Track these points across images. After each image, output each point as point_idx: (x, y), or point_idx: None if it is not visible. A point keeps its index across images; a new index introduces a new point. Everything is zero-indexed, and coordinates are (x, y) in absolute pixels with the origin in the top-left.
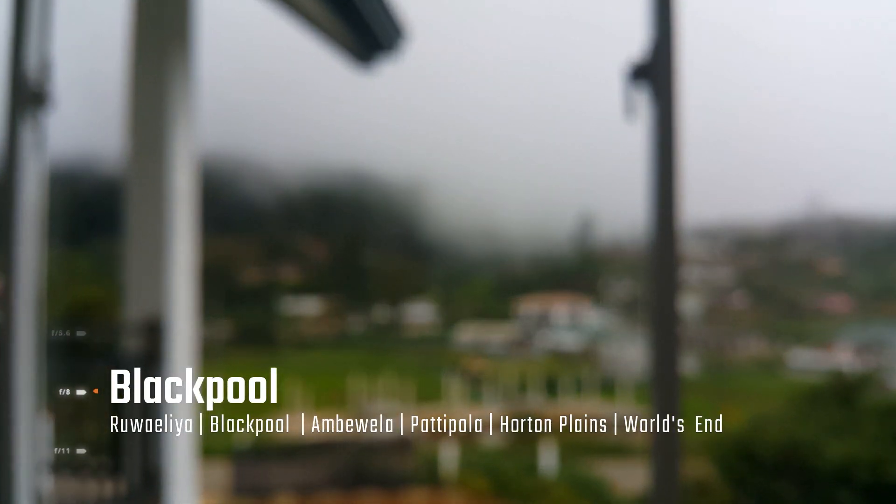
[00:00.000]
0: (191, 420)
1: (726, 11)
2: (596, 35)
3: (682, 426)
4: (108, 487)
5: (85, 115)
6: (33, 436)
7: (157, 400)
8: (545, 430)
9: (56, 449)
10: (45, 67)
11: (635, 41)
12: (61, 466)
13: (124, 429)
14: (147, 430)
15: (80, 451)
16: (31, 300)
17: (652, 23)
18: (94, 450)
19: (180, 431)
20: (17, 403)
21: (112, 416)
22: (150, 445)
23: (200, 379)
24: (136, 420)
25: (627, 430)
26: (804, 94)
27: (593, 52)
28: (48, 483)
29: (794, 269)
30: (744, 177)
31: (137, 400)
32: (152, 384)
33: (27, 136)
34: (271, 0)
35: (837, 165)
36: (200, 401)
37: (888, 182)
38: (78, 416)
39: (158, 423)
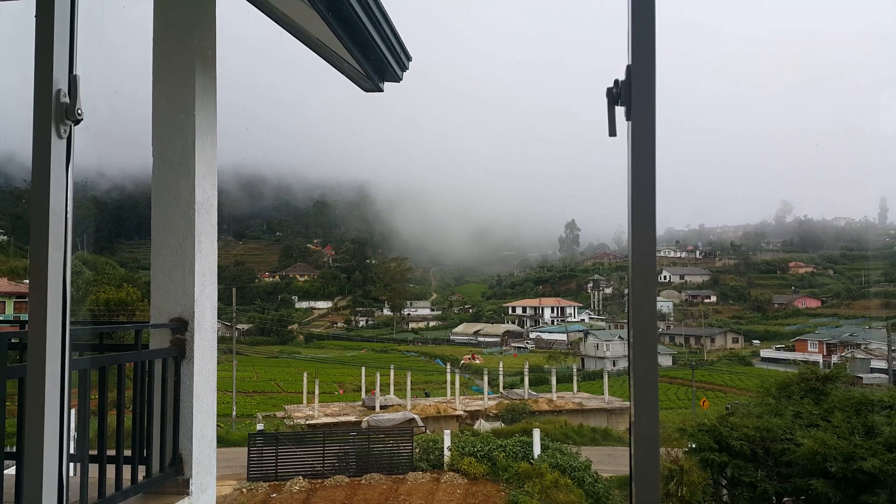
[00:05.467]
0: (211, 410)
1: (701, 31)
2: (581, 60)
3: (660, 415)
4: (133, 474)
5: (107, 130)
6: (61, 427)
7: (181, 391)
8: (536, 418)
9: (84, 439)
10: (72, 83)
11: (616, 64)
12: (89, 456)
13: (149, 418)
14: (171, 420)
15: (107, 440)
16: (60, 300)
17: (632, 47)
18: (121, 439)
19: (201, 421)
20: (46, 397)
21: (138, 407)
22: (174, 434)
23: (221, 371)
24: (161, 410)
25: (610, 419)
26: (772, 109)
27: (580, 75)
28: (77, 472)
29: (765, 270)
30: (717, 187)
31: (161, 391)
32: (176, 377)
33: (54, 149)
34: (286, 28)
35: (805, 175)
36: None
37: (853, 190)
38: (105, 407)
39: (181, 412)
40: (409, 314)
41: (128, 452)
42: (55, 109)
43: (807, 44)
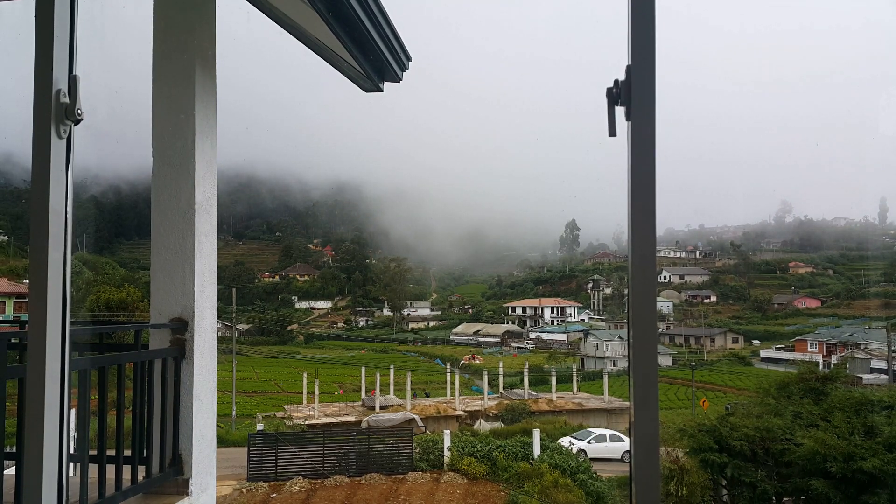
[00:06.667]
0: (211, 410)
1: (700, 31)
2: (581, 59)
3: (660, 415)
4: (133, 474)
5: (107, 130)
6: (61, 427)
7: (181, 391)
8: (535, 418)
9: (83, 440)
10: (72, 83)
11: (616, 64)
12: (89, 456)
13: (149, 418)
14: (170, 420)
15: (107, 440)
16: (60, 300)
17: (632, 47)
18: (121, 439)
19: (201, 421)
20: (46, 397)
21: (138, 407)
22: (174, 434)
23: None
24: (161, 410)
25: (610, 419)
26: (772, 108)
27: (580, 75)
28: (77, 472)
29: (765, 270)
30: (717, 187)
31: (161, 391)
32: (176, 377)
33: (54, 149)
34: (286, 28)
35: (805, 175)
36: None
37: (853, 190)
38: (105, 407)
39: (181, 412)
40: (408, 314)
41: (128, 452)
42: (55, 109)
43: (806, 43)
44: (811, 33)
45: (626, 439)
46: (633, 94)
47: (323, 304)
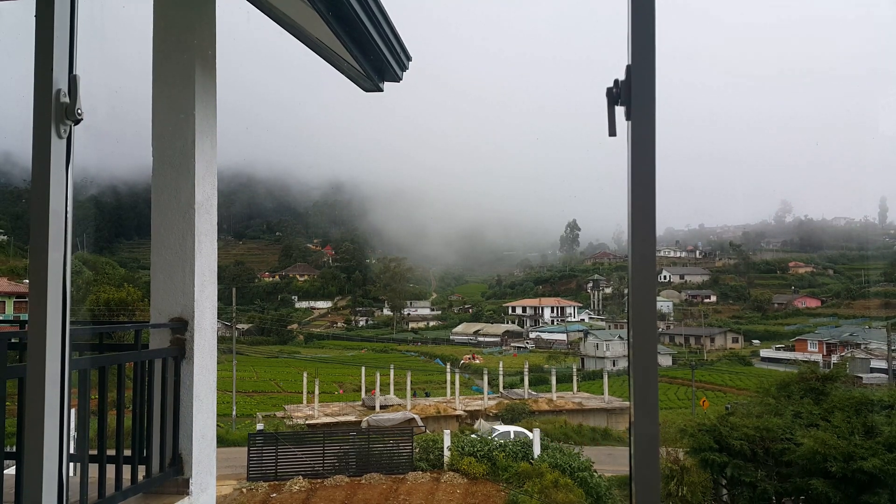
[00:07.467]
0: (211, 410)
1: (701, 31)
2: (581, 59)
3: (660, 415)
4: (133, 474)
5: (107, 130)
6: (61, 427)
7: (181, 391)
8: (535, 418)
9: (84, 439)
10: (72, 83)
11: (616, 64)
12: (89, 456)
13: (149, 418)
14: (170, 420)
15: (107, 440)
16: (60, 300)
17: (632, 47)
18: (121, 439)
19: (201, 421)
20: (46, 397)
21: (138, 407)
22: (174, 434)
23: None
24: (161, 410)
25: (610, 419)
26: (773, 108)
27: (580, 75)
28: (77, 472)
29: (765, 270)
30: (717, 186)
31: (161, 391)
32: (176, 377)
33: (54, 149)
34: (286, 28)
35: (805, 175)
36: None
37: (853, 190)
38: (105, 407)
39: (181, 412)
40: (408, 314)
41: (128, 452)
42: (55, 109)
43: (806, 43)
44: (811, 33)
45: (532, 435)
46: (633, 94)
47: (323, 304)
